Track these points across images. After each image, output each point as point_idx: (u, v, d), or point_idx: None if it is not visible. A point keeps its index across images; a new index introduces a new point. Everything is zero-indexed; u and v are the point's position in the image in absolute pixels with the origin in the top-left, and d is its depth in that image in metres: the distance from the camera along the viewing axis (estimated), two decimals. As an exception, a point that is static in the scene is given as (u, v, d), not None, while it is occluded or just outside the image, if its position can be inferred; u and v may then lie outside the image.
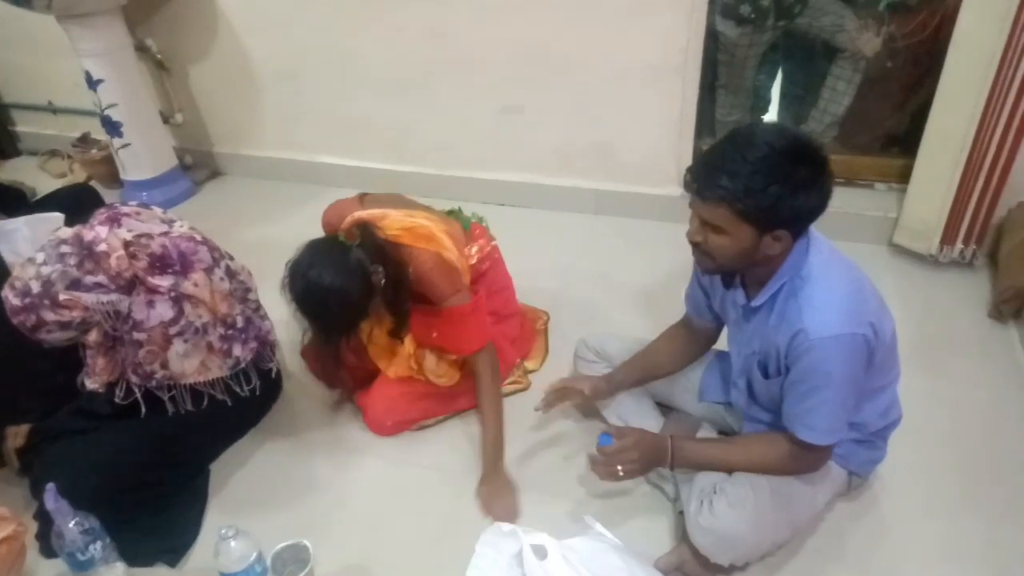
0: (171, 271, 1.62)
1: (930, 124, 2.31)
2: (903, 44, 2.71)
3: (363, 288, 1.66)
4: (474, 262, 1.95)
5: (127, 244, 1.57)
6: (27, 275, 1.52)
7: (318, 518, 1.74)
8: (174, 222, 1.74)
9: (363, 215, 1.79)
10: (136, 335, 1.61)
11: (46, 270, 1.52)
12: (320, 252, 1.65)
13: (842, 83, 2.79)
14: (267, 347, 1.88)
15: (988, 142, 2.16)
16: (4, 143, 3.85)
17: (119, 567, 1.56)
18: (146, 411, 1.69)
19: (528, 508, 1.73)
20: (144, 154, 3.16)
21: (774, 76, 3.12)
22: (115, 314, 1.57)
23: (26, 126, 3.88)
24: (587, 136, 2.83)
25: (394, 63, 2.91)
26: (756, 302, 1.41)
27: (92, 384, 1.68)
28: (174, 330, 1.63)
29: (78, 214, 1.71)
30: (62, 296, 1.51)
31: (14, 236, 2.04)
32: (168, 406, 1.71)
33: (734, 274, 1.48)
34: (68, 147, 3.57)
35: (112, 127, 3.05)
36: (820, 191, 1.27)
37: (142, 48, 3.18)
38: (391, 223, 1.78)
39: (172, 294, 1.61)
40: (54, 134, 3.76)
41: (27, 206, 2.55)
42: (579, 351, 1.93)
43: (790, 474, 1.47)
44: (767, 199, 1.23)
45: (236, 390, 1.79)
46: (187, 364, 1.68)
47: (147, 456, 1.72)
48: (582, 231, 2.87)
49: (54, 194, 2.64)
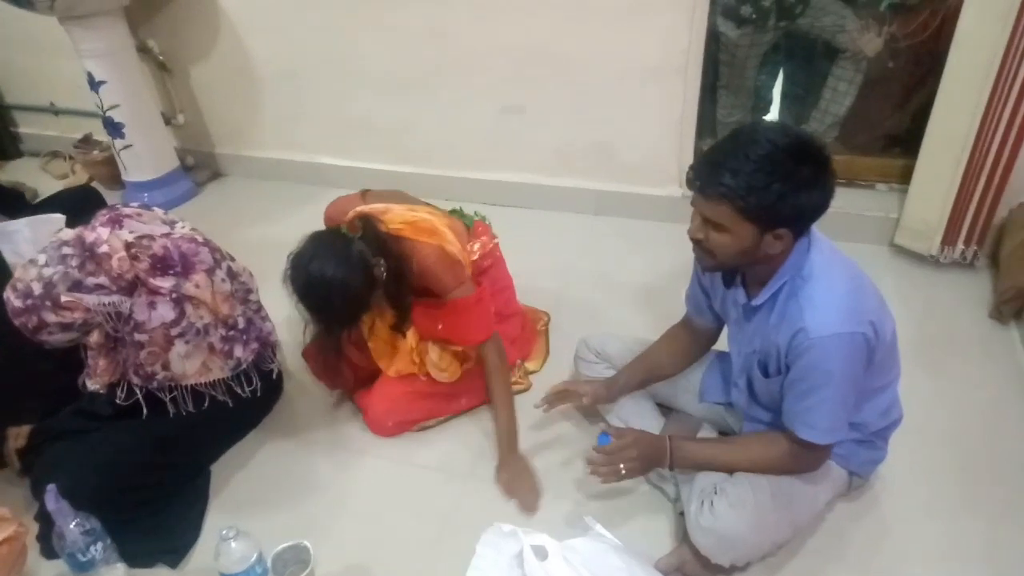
0: (172, 272, 1.62)
1: (931, 124, 2.30)
2: (904, 44, 2.70)
3: (365, 280, 1.66)
4: (476, 258, 1.95)
5: (129, 245, 1.57)
6: (29, 276, 1.52)
7: (319, 519, 1.74)
8: (175, 223, 1.74)
9: (365, 209, 1.79)
10: (137, 336, 1.61)
11: (48, 271, 1.52)
12: (322, 244, 1.65)
13: (843, 83, 2.78)
14: (268, 348, 1.88)
15: (989, 142, 2.16)
16: (6, 144, 3.86)
17: (120, 568, 1.56)
18: (147, 412, 1.69)
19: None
20: (146, 155, 3.17)
21: (775, 76, 3.12)
22: (116, 315, 1.58)
23: (28, 127, 3.89)
24: (588, 136, 2.83)
25: (394, 63, 2.92)
26: (757, 301, 1.41)
27: (93, 385, 1.68)
28: (175, 331, 1.63)
29: (80, 215, 1.72)
30: (64, 297, 1.51)
31: (16, 237, 2.05)
32: (169, 407, 1.71)
33: (735, 273, 1.48)
34: (70, 148, 3.58)
35: (114, 128, 3.05)
36: (822, 190, 1.26)
37: (144, 49, 3.19)
38: (393, 217, 1.78)
39: (174, 295, 1.61)
40: (56, 135, 3.77)
41: (27, 207, 2.56)
42: (580, 352, 1.93)
43: (790, 473, 1.47)
44: (769, 197, 1.23)
45: (237, 391, 1.79)
46: (188, 365, 1.68)
47: (148, 457, 1.72)
48: (583, 231, 2.87)
49: (56, 196, 2.65)
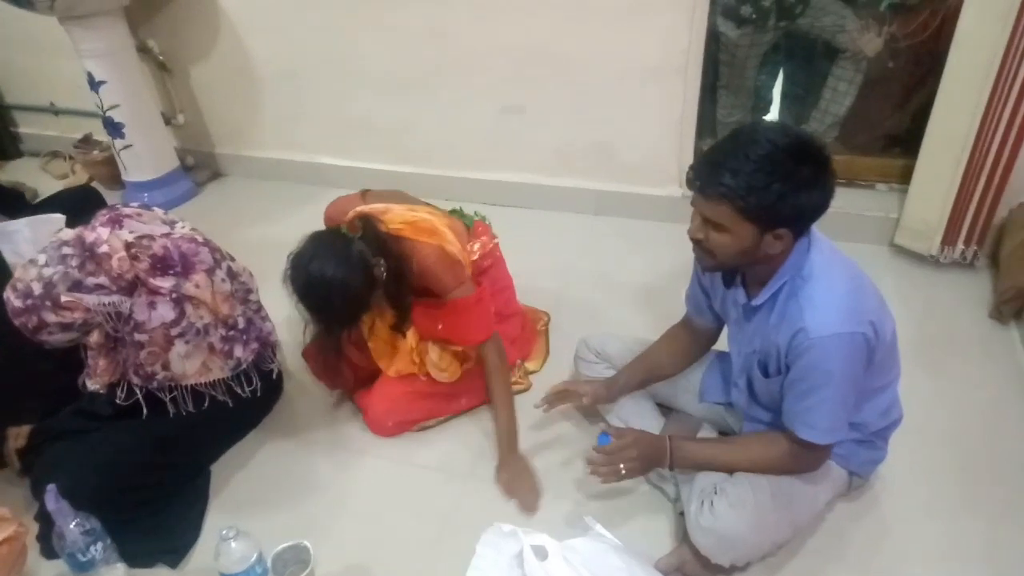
0: (172, 272, 1.62)
1: (931, 124, 2.30)
2: (904, 44, 2.70)
3: (364, 280, 1.66)
4: (476, 258, 1.95)
5: (129, 245, 1.57)
6: (29, 277, 1.52)
7: (319, 519, 1.74)
8: (175, 223, 1.74)
9: (365, 209, 1.79)
10: (137, 336, 1.61)
11: (48, 272, 1.52)
12: (322, 244, 1.65)
13: (843, 83, 2.78)
14: (268, 348, 1.88)
15: (989, 142, 2.16)
16: (6, 144, 3.86)
17: (120, 568, 1.56)
18: (147, 412, 1.69)
19: (529, 509, 1.73)
20: (146, 155, 3.17)
21: (775, 76, 3.12)
22: (116, 315, 1.58)
23: (28, 127, 3.89)
24: (588, 136, 2.83)
25: (394, 63, 2.92)
26: (757, 301, 1.41)
27: (93, 385, 1.68)
28: (175, 331, 1.63)
29: (80, 216, 1.71)
30: (64, 298, 1.51)
31: (16, 237, 2.05)
32: (169, 407, 1.71)
33: (735, 273, 1.48)
34: (70, 148, 3.58)
35: (114, 128, 3.05)
36: (822, 190, 1.26)
37: (144, 49, 3.19)
38: (393, 217, 1.78)
39: (173, 295, 1.61)
40: (56, 135, 3.77)
41: (27, 207, 2.56)
42: (580, 352, 1.93)
43: (790, 473, 1.47)
44: (769, 197, 1.23)
45: (237, 391, 1.79)
46: (188, 365, 1.68)
47: (148, 457, 1.72)
48: (583, 231, 2.87)
49: (56, 196, 2.65)
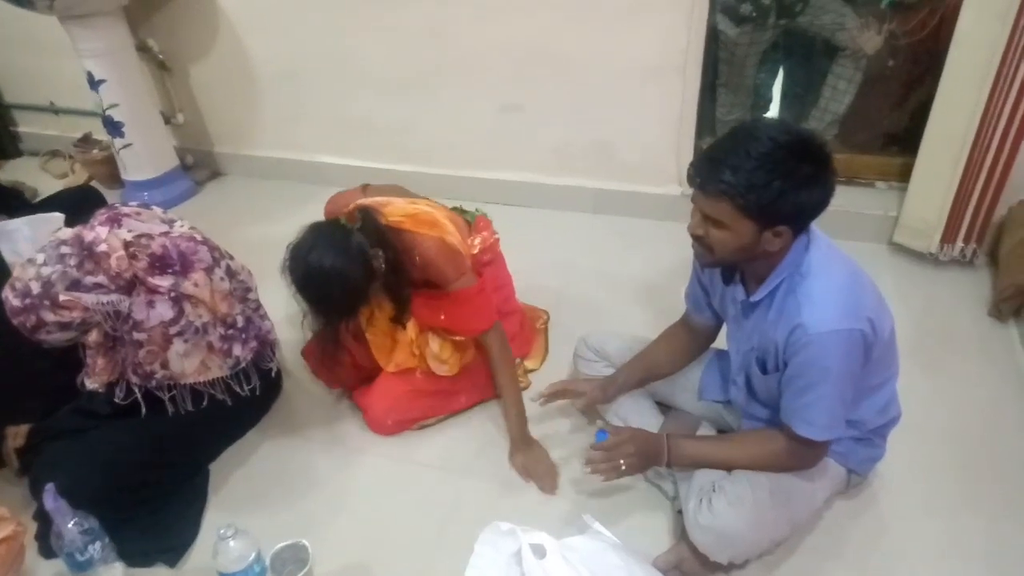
0: (171, 271, 1.62)
1: (931, 123, 2.30)
2: (904, 43, 2.70)
3: (363, 271, 1.66)
4: (476, 252, 1.95)
5: (127, 244, 1.57)
6: (27, 276, 1.52)
7: (317, 517, 1.75)
8: (174, 222, 1.74)
9: (366, 202, 1.79)
10: (136, 335, 1.61)
11: (46, 271, 1.52)
12: (321, 235, 1.65)
13: (843, 82, 2.78)
14: (267, 347, 1.88)
15: (989, 140, 2.16)
16: (5, 143, 3.87)
17: (118, 567, 1.56)
18: (146, 411, 1.69)
19: (526, 507, 1.73)
20: (145, 154, 3.17)
21: (775, 75, 3.11)
22: (115, 314, 1.58)
23: (28, 126, 3.89)
24: (587, 135, 2.83)
25: (394, 63, 2.91)
26: (755, 297, 1.41)
27: (92, 384, 1.68)
28: (174, 330, 1.63)
29: (80, 215, 1.71)
30: (62, 297, 1.51)
31: (15, 236, 2.05)
32: (168, 406, 1.71)
33: (734, 269, 1.48)
34: (69, 147, 3.58)
35: (113, 127, 3.05)
36: (822, 188, 1.26)
37: (143, 48, 3.19)
38: (394, 209, 1.79)
39: (172, 294, 1.61)
40: (55, 134, 3.77)
41: (27, 206, 2.56)
42: (579, 350, 1.93)
43: (787, 470, 1.47)
44: (769, 195, 1.23)
45: (236, 390, 1.79)
46: (187, 364, 1.68)
47: (146, 456, 1.72)
48: (582, 230, 2.87)
49: (56, 195, 2.65)
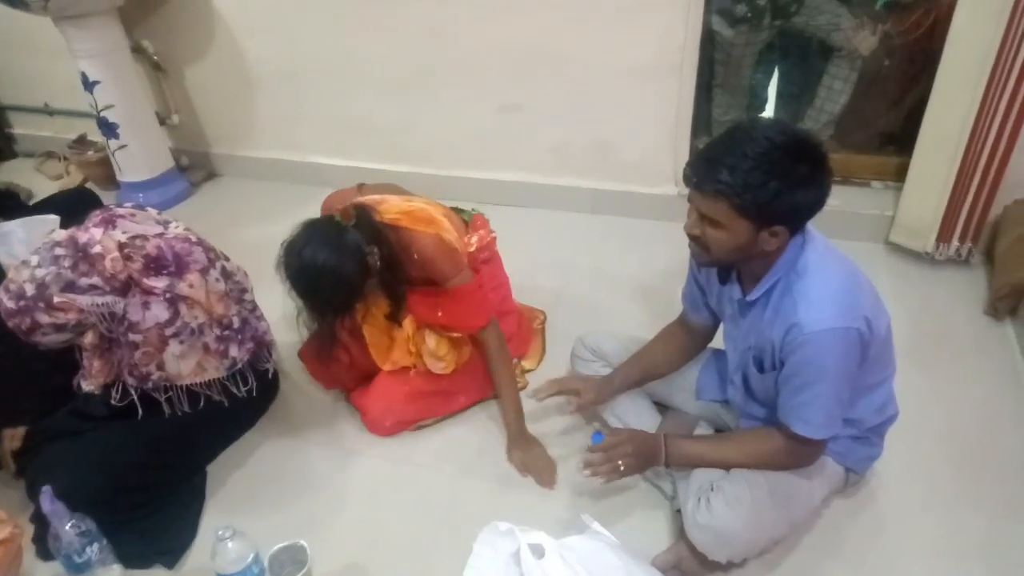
0: (166, 272, 1.62)
1: (926, 122, 2.31)
2: (899, 42, 2.71)
3: (358, 268, 1.65)
4: (473, 250, 1.95)
5: (122, 246, 1.57)
6: (21, 278, 1.51)
7: (315, 518, 1.74)
8: (169, 223, 1.74)
9: (361, 199, 1.79)
10: (132, 336, 1.60)
11: (40, 272, 1.51)
12: (316, 231, 1.65)
13: (838, 82, 2.79)
14: (264, 348, 1.88)
15: (984, 140, 2.16)
16: (0, 145, 3.85)
17: (116, 569, 1.55)
18: (143, 412, 1.69)
19: (525, 507, 1.73)
20: (140, 155, 3.16)
21: (770, 75, 3.12)
22: (110, 316, 1.57)
23: (22, 128, 3.88)
24: (584, 136, 2.83)
25: (394, 63, 2.91)
26: (752, 296, 1.41)
27: (88, 386, 1.67)
28: (170, 331, 1.63)
29: (76, 217, 1.71)
30: (56, 298, 1.50)
31: (10, 238, 2.05)
32: (165, 407, 1.70)
33: (730, 269, 1.48)
34: (64, 149, 3.56)
35: (108, 128, 3.04)
36: (819, 188, 1.26)
37: (138, 49, 3.18)
38: (390, 207, 1.79)
39: (167, 295, 1.61)
40: (50, 136, 3.76)
41: (23, 208, 2.55)
42: (576, 350, 1.93)
43: (784, 468, 1.47)
44: (766, 195, 1.23)
45: (233, 391, 1.79)
46: (183, 365, 1.68)
47: (144, 457, 1.72)
48: (579, 230, 2.87)
49: (52, 198, 2.64)
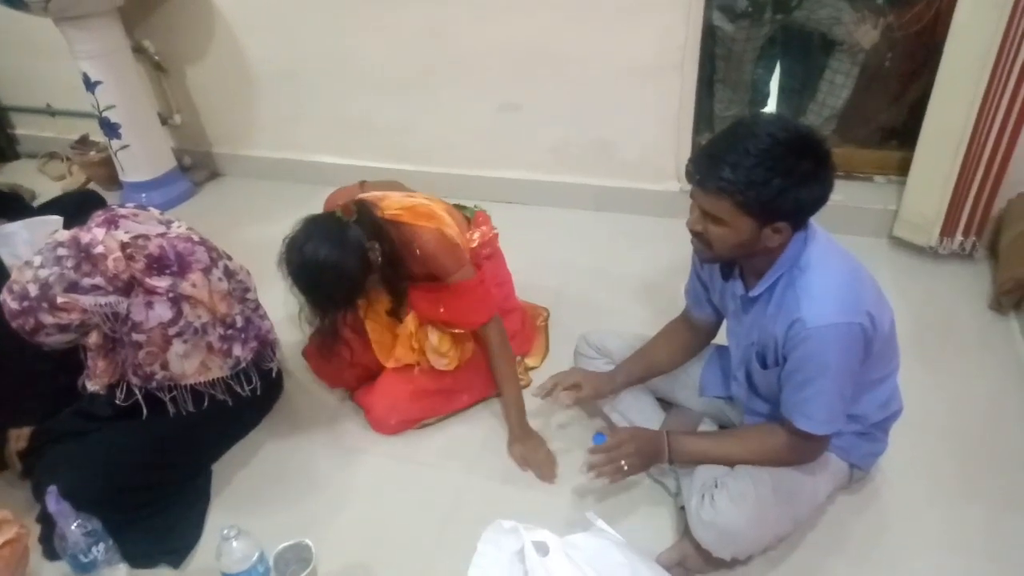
0: (168, 272, 1.62)
1: (928, 116, 2.30)
2: (901, 36, 2.70)
3: (359, 264, 1.65)
4: (475, 246, 1.95)
5: (124, 246, 1.57)
6: (25, 278, 1.52)
7: (320, 517, 1.74)
8: (172, 223, 1.74)
9: (363, 196, 1.79)
10: (135, 336, 1.61)
11: (43, 273, 1.51)
12: (317, 227, 1.65)
13: (840, 76, 2.78)
14: (267, 347, 1.88)
15: (987, 133, 2.15)
16: (3, 146, 3.86)
17: (122, 568, 1.56)
18: (147, 412, 1.69)
19: (529, 505, 1.73)
20: (143, 155, 3.16)
21: (772, 70, 3.11)
22: (114, 316, 1.57)
23: (25, 129, 3.89)
24: (586, 133, 2.83)
25: (394, 63, 2.91)
26: (754, 292, 1.41)
27: (93, 386, 1.68)
28: (173, 331, 1.63)
29: (80, 218, 1.70)
30: (60, 299, 1.50)
31: (13, 239, 2.05)
32: (169, 407, 1.71)
33: (732, 265, 1.47)
34: (67, 149, 3.57)
35: (110, 129, 3.05)
36: (822, 184, 1.25)
37: (139, 49, 3.18)
38: (391, 203, 1.79)
39: (170, 295, 1.61)
40: (53, 136, 3.77)
41: (28, 209, 2.55)
42: (580, 348, 1.93)
43: (788, 464, 1.46)
44: (769, 192, 1.22)
45: (237, 390, 1.79)
46: (187, 365, 1.68)
47: (149, 457, 1.72)
48: (582, 227, 2.87)
49: (58, 199, 2.65)
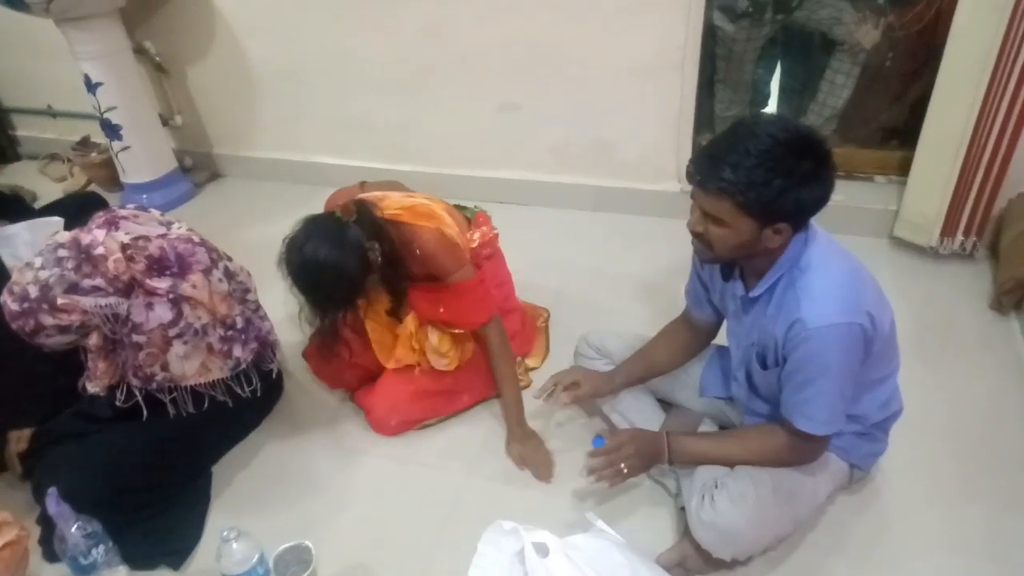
0: (169, 273, 1.62)
1: (929, 116, 2.30)
2: (901, 36, 2.70)
3: (359, 263, 1.65)
4: (475, 246, 1.95)
5: (124, 247, 1.57)
6: (25, 280, 1.52)
7: (320, 518, 1.74)
8: (172, 224, 1.74)
9: (363, 196, 1.79)
10: (136, 337, 1.61)
11: (44, 274, 1.51)
12: (316, 227, 1.65)
13: (841, 76, 2.77)
14: (268, 348, 1.88)
15: (987, 133, 2.15)
16: (4, 147, 3.87)
17: (122, 570, 1.56)
18: (147, 414, 1.69)
19: (529, 505, 1.73)
20: (144, 157, 3.17)
21: (772, 70, 3.11)
22: (114, 317, 1.58)
23: (26, 130, 3.89)
24: (586, 133, 2.83)
25: (393, 63, 2.91)
26: (755, 293, 1.41)
27: (93, 387, 1.68)
28: (173, 332, 1.63)
29: (82, 220, 1.70)
30: (60, 300, 1.50)
31: (14, 241, 2.06)
32: (169, 408, 1.71)
33: (733, 265, 1.47)
34: (68, 151, 3.57)
35: (111, 130, 3.05)
36: (823, 184, 1.25)
37: (140, 50, 3.18)
38: (391, 203, 1.79)
39: (171, 296, 1.61)
40: (54, 138, 3.77)
41: (29, 210, 2.56)
42: (580, 348, 1.92)
43: (787, 465, 1.46)
44: (769, 192, 1.22)
45: (237, 391, 1.79)
46: (187, 366, 1.68)
47: (149, 458, 1.72)
48: (582, 228, 2.87)
49: (59, 201, 2.65)
